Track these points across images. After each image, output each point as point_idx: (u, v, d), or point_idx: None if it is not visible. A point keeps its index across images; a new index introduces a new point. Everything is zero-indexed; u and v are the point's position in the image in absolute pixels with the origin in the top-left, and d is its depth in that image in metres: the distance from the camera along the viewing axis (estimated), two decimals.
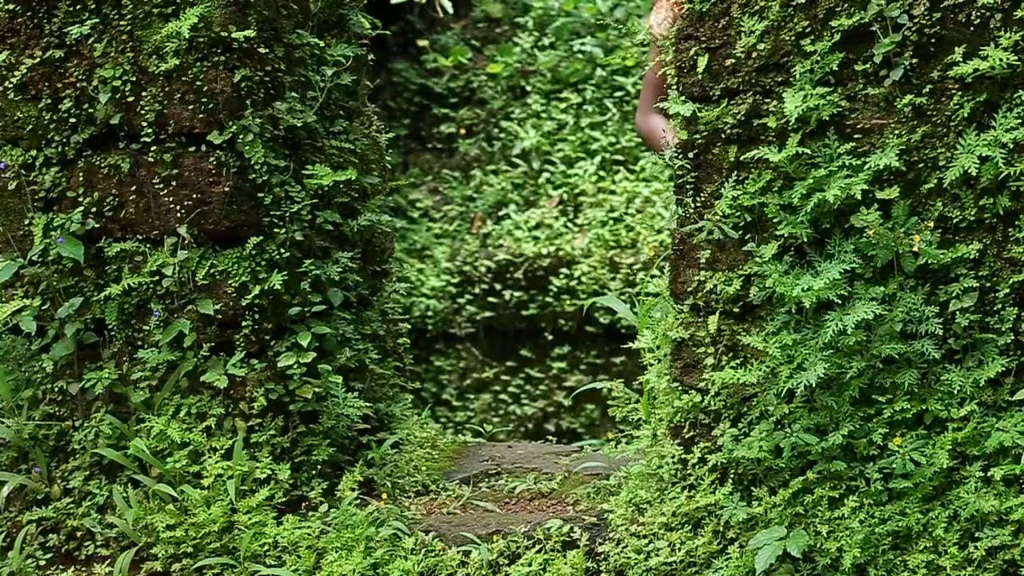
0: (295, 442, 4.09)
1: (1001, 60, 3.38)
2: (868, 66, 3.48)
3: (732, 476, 3.62)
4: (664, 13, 4.48)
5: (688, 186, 3.65)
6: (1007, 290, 3.46)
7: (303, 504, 4.12)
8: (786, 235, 3.52)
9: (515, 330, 8.80)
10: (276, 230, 4.07)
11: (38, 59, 4.06)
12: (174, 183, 4.05)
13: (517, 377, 8.63)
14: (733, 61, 3.56)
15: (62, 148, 4.10)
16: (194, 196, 4.04)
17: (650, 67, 4.59)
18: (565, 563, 3.76)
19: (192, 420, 4.06)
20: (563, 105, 9.35)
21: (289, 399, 4.08)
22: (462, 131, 8.55)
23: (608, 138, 9.36)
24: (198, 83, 3.98)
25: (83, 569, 4.13)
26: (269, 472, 3.97)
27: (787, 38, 3.51)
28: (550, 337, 8.95)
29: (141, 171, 4.06)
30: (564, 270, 8.74)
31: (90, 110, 4.05)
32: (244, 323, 4.05)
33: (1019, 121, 3.41)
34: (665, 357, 3.77)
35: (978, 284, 3.48)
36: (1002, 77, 3.42)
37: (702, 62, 3.58)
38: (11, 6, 4.05)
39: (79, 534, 4.18)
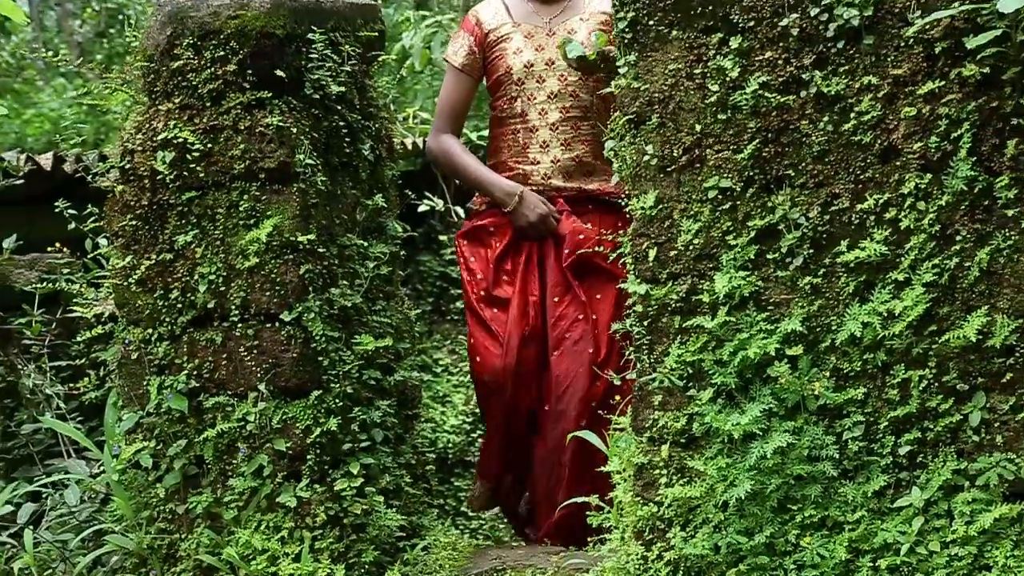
0: (348, 547, 4.04)
1: (875, 251, 3.41)
2: (776, 255, 3.49)
3: (682, 569, 3.57)
4: (460, 43, 4.39)
5: (644, 347, 3.65)
6: (886, 423, 3.46)
7: None
8: (719, 383, 3.51)
9: None
10: (332, 385, 4.08)
11: (153, 260, 4.07)
12: (255, 351, 4.06)
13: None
14: (675, 252, 3.57)
15: (171, 327, 4.10)
16: (270, 360, 4.05)
17: (444, 93, 4.45)
18: None
19: (270, 532, 4.02)
20: None
21: (343, 514, 4.05)
22: None
23: None
24: (273, 275, 4.00)
25: None
26: (328, 571, 3.92)
27: (716, 235, 3.53)
28: None
29: (230, 343, 4.07)
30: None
31: (192, 298, 4.06)
32: (309, 457, 4.03)
33: (891, 296, 3.43)
34: (630, 477, 3.75)
35: (864, 419, 3.48)
36: (876, 263, 3.44)
37: (652, 253, 3.59)
38: (134, 222, 4.07)
39: None
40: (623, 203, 3.66)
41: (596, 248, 4.30)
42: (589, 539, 4.00)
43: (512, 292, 4.52)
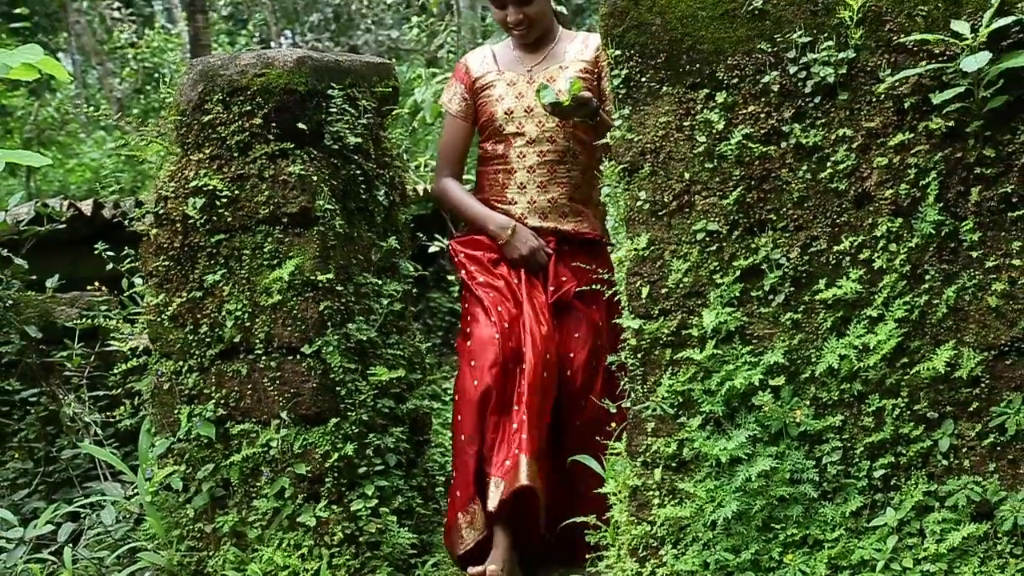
0: (363, 564, 4.03)
1: (851, 289, 3.42)
2: (760, 293, 3.50)
3: None
4: (453, 90, 4.34)
5: (638, 377, 3.66)
6: (862, 448, 3.46)
7: None
8: (707, 411, 3.51)
9: None
10: (349, 413, 4.09)
11: (184, 298, 4.09)
12: (278, 381, 4.06)
13: None
14: (666, 290, 3.58)
15: (200, 359, 4.11)
16: (292, 390, 4.05)
17: (443, 138, 4.39)
18: None
19: (291, 549, 4.02)
20: None
21: (359, 533, 4.04)
22: None
23: None
24: (294, 311, 4.01)
25: None
26: None
27: (704, 274, 3.54)
28: None
29: (255, 374, 4.08)
30: None
31: (220, 332, 4.07)
32: (327, 479, 4.03)
33: (865, 331, 3.44)
34: (625, 499, 3.75)
35: (842, 444, 3.48)
36: (852, 300, 3.45)
37: (645, 291, 3.60)
38: (167, 262, 4.09)
39: None
40: (597, 243, 3.68)
41: (578, 288, 4.28)
42: (587, 556, 3.98)
43: (503, 284, 4.38)
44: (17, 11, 12.91)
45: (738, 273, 3.51)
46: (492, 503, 4.16)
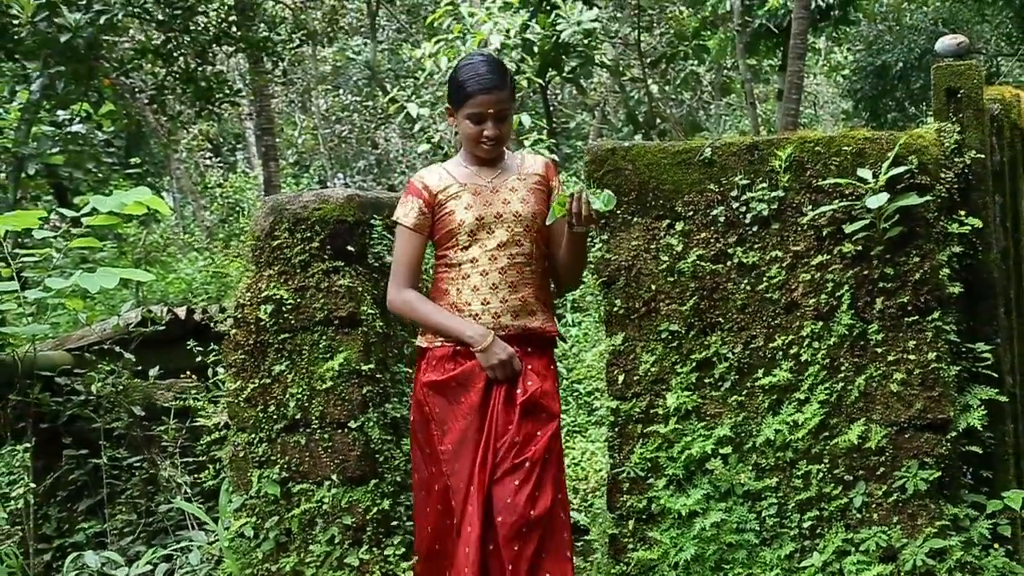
0: None
1: (783, 377, 3.40)
2: (711, 379, 3.47)
3: None
4: (410, 206, 3.51)
5: (615, 447, 3.61)
6: (793, 504, 3.40)
7: None
8: (671, 474, 3.47)
9: None
10: (385, 475, 4.02)
11: (256, 384, 4.05)
12: (330, 450, 3.99)
13: None
14: (637, 377, 3.55)
15: (268, 432, 4.04)
16: (341, 457, 3.97)
17: (401, 251, 3.54)
18: None
19: None
20: None
21: (392, 571, 3.99)
22: None
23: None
24: (343, 394, 3.96)
25: None
26: None
27: (667, 364, 3.51)
28: None
29: (312, 444, 4.02)
30: None
31: (284, 411, 4.01)
32: (368, 528, 3.95)
33: (795, 410, 3.40)
34: (604, 544, 3.69)
35: (777, 501, 3.42)
36: (784, 386, 3.42)
37: (620, 378, 3.57)
38: (242, 356, 4.05)
39: None
40: (552, 341, 3.51)
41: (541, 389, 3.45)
42: None
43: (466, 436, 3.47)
44: (132, 160, 13.07)
45: (694, 364, 3.50)
46: None
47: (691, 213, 3.51)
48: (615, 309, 3.58)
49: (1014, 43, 14.16)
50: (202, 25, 10.08)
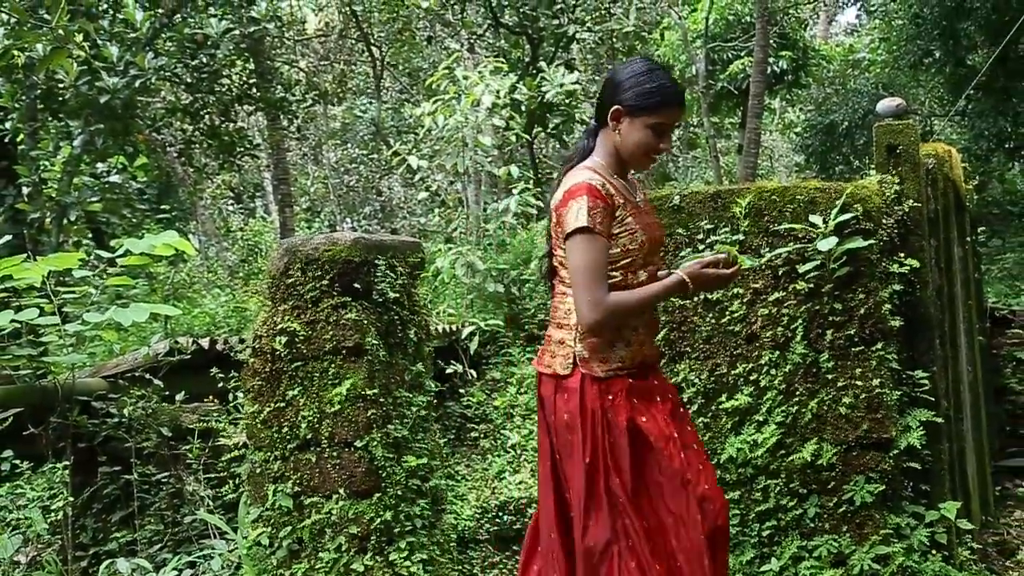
0: None
1: (744, 401, 3.39)
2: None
3: None
4: (598, 210, 2.72)
5: None
6: (753, 515, 3.39)
7: None
8: None
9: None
10: (388, 489, 3.99)
11: (272, 407, 4.02)
12: (338, 466, 3.97)
13: None
14: None
15: (283, 451, 4.01)
16: (347, 473, 3.95)
17: (591, 258, 2.73)
18: None
19: None
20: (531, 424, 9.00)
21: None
22: (482, 437, 8.40)
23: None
24: (350, 416, 3.94)
25: None
26: None
27: None
28: None
29: (321, 461, 4.00)
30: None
31: (297, 431, 3.98)
32: (372, 538, 3.92)
33: (755, 431, 3.40)
34: None
35: (739, 512, 3.41)
36: (745, 409, 3.42)
37: None
38: (260, 382, 4.04)
39: None
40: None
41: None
42: None
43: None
44: (162, 207, 13.10)
45: None
46: None
47: (662, 253, 3.52)
48: None
49: (945, 105, 14.29)
50: (225, 87, 10.18)
